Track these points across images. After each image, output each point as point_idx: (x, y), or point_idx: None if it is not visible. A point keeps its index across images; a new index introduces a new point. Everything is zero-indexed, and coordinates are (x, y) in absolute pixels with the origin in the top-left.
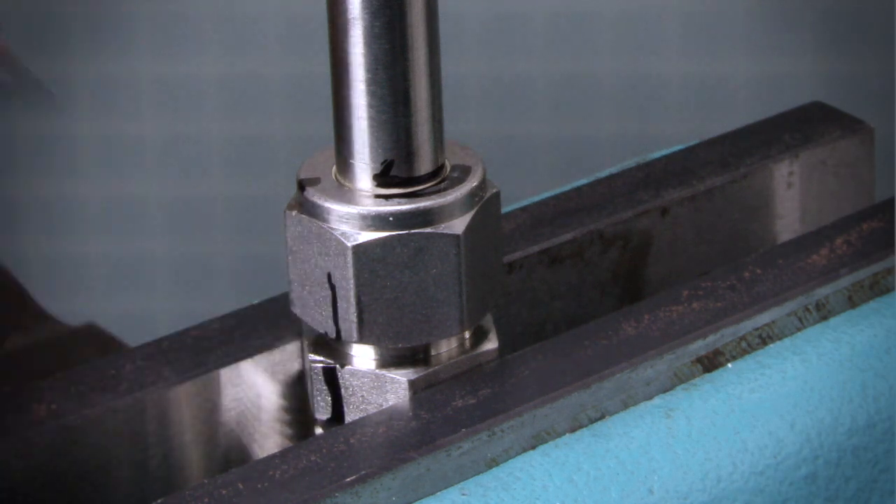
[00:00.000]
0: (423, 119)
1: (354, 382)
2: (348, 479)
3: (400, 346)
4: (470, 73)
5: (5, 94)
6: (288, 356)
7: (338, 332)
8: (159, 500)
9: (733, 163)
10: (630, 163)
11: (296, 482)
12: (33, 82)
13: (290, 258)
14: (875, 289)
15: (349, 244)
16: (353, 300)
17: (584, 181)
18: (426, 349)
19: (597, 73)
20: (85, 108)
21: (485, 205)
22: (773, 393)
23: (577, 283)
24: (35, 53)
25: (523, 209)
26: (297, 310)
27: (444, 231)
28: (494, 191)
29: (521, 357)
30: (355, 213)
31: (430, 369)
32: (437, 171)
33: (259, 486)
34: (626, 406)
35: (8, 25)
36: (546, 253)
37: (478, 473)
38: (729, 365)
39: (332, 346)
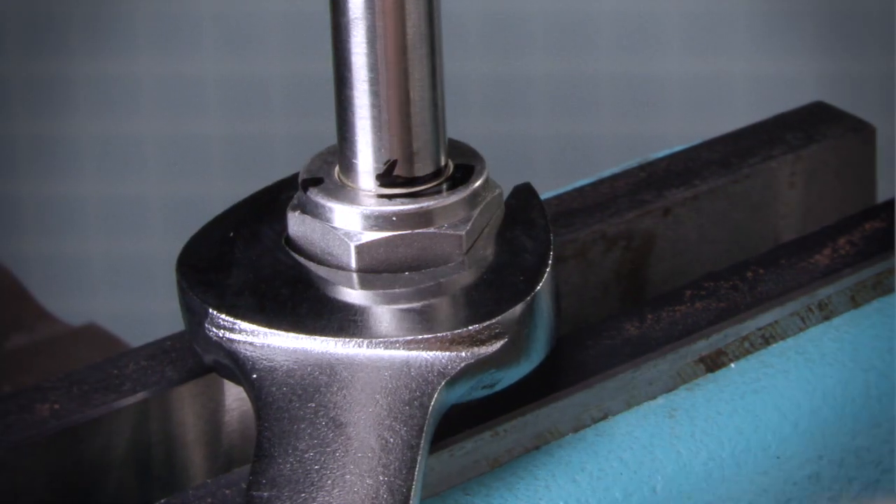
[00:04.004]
0: (426, 119)
1: None
2: None
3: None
4: (471, 73)
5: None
6: None
7: None
8: (162, 500)
9: (735, 163)
10: (632, 163)
11: None
12: None
13: None
14: (878, 288)
15: (352, 244)
16: None
17: (586, 181)
18: None
19: (597, 73)
20: (85, 108)
21: (487, 205)
22: (776, 393)
23: (579, 283)
24: (35, 53)
25: None
26: None
27: (447, 231)
28: (497, 191)
29: None
30: (358, 213)
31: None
32: (439, 172)
33: None
34: (629, 406)
35: (8, 25)
36: None
37: (481, 473)
38: (732, 365)
39: None
